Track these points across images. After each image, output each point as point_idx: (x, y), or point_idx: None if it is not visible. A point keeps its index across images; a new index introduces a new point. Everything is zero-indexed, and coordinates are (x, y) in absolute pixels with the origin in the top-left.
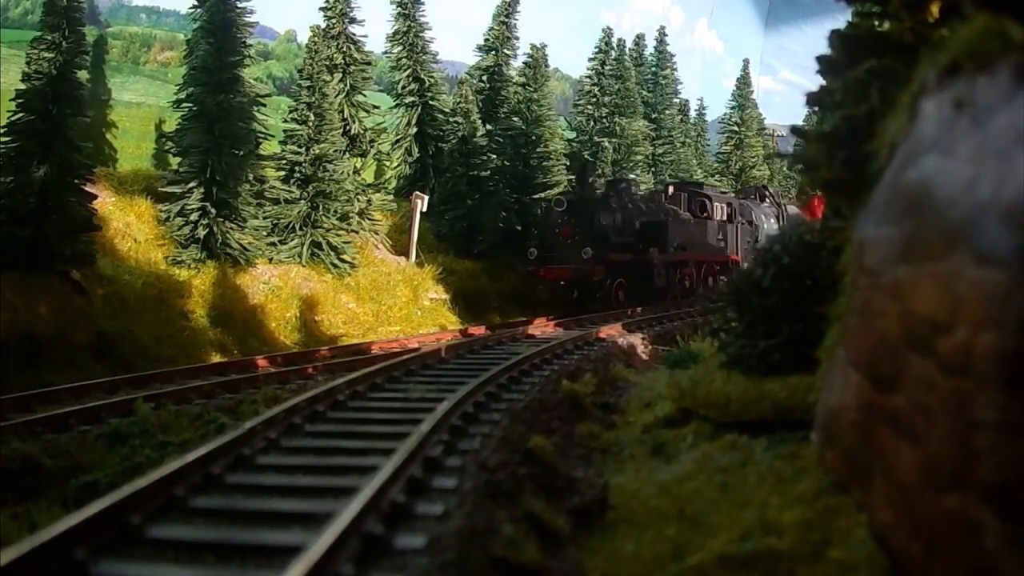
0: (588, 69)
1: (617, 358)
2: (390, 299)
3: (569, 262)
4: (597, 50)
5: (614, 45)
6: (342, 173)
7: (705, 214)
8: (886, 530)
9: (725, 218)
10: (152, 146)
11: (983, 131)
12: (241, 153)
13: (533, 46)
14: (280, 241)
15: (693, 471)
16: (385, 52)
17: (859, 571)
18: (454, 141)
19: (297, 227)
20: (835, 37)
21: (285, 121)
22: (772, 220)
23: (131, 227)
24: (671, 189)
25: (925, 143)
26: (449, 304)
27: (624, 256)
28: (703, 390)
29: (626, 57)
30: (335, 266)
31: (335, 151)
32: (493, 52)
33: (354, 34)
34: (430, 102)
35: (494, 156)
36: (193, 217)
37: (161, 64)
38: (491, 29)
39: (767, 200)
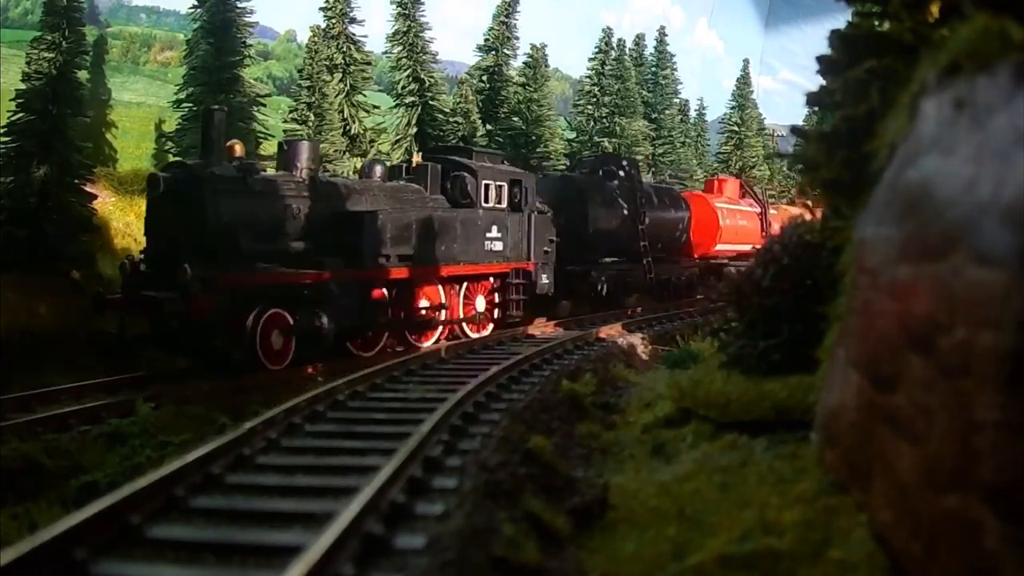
0: (588, 69)
1: (617, 358)
2: None
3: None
4: (597, 50)
5: (614, 45)
6: (342, 173)
7: (467, 200)
8: (886, 530)
9: (508, 205)
10: (152, 146)
11: (983, 131)
12: None
13: (533, 46)
14: None
15: (693, 471)
16: (385, 52)
17: (859, 571)
18: (454, 141)
19: None
20: (835, 37)
21: (285, 121)
22: (620, 203)
23: (131, 227)
24: (417, 161)
25: (925, 143)
26: None
27: (275, 276)
28: (703, 390)
29: (626, 57)
30: None
31: (335, 151)
32: (493, 52)
33: (354, 34)
34: (430, 102)
35: None
36: None
37: (161, 64)
38: (491, 29)
39: (616, 179)
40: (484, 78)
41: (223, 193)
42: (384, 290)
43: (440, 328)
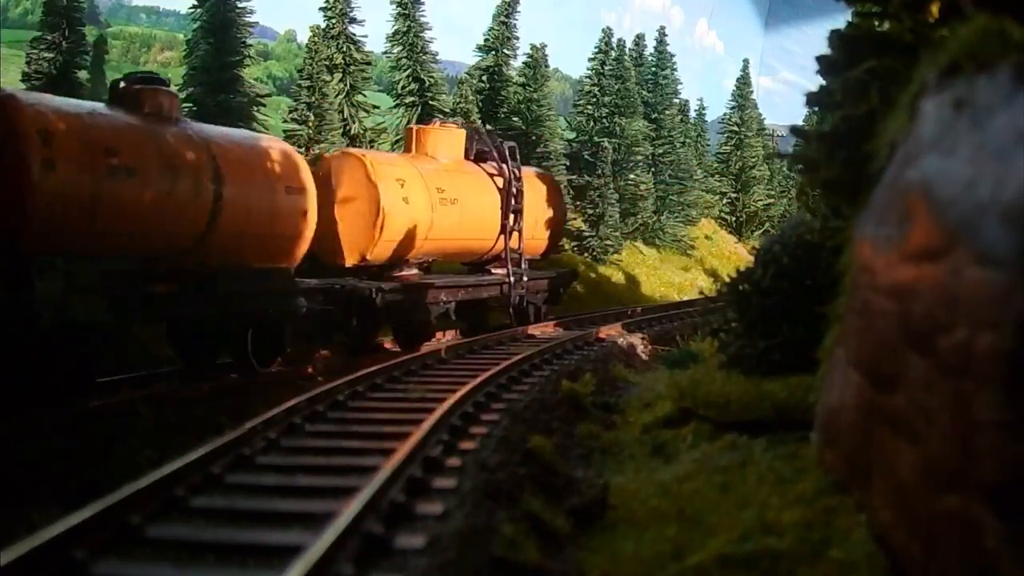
0: (588, 69)
1: (617, 358)
2: None
3: None
4: (597, 50)
5: (614, 45)
6: None
7: None
8: (886, 530)
9: None
10: None
11: (983, 131)
12: None
13: (533, 46)
14: None
15: (693, 471)
16: (385, 52)
17: (859, 571)
18: None
19: None
20: (835, 37)
21: (285, 121)
22: None
23: None
24: None
25: (925, 143)
26: None
27: None
28: (703, 390)
29: (626, 57)
30: None
31: (336, 151)
32: (493, 52)
33: (354, 34)
34: (430, 102)
35: None
36: None
37: (161, 64)
38: (491, 29)
39: None
40: (484, 78)
41: None
42: None
43: None
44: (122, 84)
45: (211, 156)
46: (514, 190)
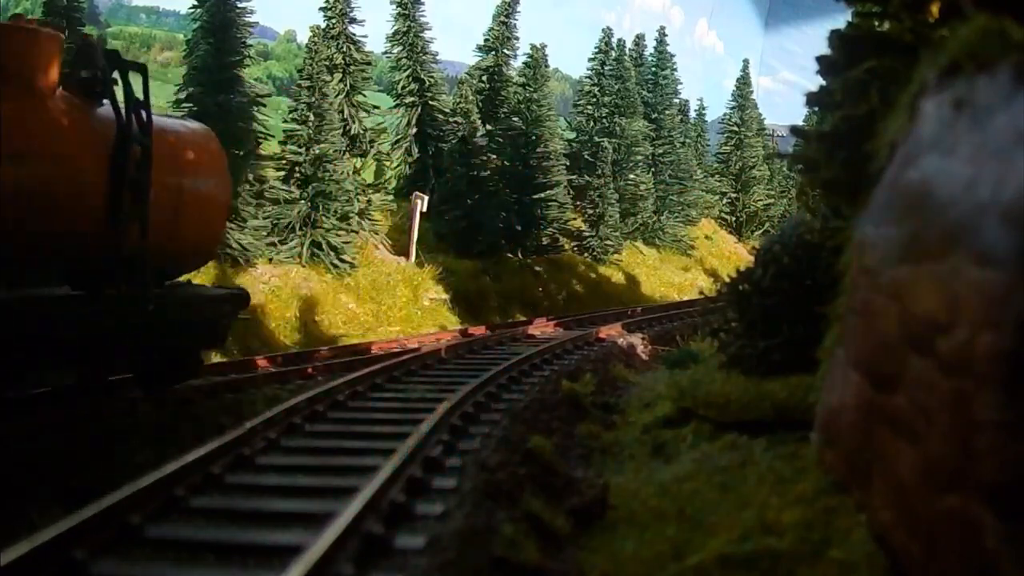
0: (588, 69)
1: (617, 358)
2: (390, 299)
3: None
4: (597, 50)
5: (614, 45)
6: (342, 173)
7: None
8: (886, 530)
9: None
10: None
11: (983, 131)
12: (241, 153)
13: (533, 46)
14: (280, 241)
15: (693, 471)
16: (385, 52)
17: (859, 571)
18: (454, 141)
19: (297, 227)
20: (835, 37)
21: (285, 121)
22: None
23: None
24: None
25: (925, 143)
26: (449, 304)
27: None
28: (703, 390)
29: (626, 57)
30: (335, 266)
31: (335, 151)
32: (493, 52)
33: (354, 34)
34: (430, 102)
35: (494, 156)
36: None
37: (161, 64)
38: (491, 29)
39: None
40: (484, 78)
41: None
42: None
43: None
44: None
45: None
46: (135, 147)
